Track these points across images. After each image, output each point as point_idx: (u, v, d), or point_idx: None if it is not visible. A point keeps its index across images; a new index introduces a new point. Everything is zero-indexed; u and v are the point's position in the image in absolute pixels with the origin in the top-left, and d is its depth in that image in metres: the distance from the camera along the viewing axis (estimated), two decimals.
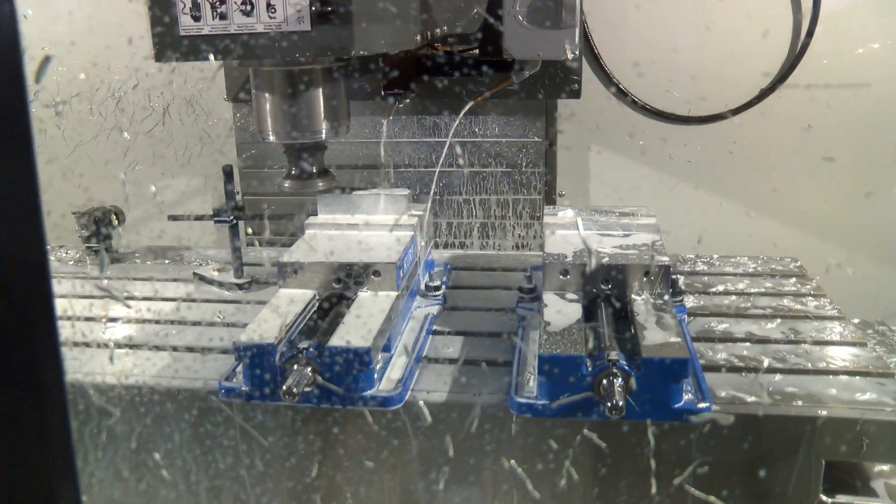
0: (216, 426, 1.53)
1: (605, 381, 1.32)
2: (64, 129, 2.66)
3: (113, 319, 1.85)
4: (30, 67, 0.68)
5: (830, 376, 1.51)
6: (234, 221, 1.96)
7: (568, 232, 1.79)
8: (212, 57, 1.45)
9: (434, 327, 1.72)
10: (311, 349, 1.42)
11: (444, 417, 1.45)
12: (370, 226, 1.82)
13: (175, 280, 2.12)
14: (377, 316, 1.52)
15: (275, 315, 1.52)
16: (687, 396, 1.37)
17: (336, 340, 1.43)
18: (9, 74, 0.63)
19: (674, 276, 1.73)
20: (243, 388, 1.44)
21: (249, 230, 2.50)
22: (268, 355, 1.41)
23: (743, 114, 2.50)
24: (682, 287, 1.83)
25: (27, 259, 0.65)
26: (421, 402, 1.44)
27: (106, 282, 2.02)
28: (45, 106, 2.57)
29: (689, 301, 1.86)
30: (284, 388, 1.36)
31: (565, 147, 2.55)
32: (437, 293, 1.85)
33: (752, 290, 1.94)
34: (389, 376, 1.49)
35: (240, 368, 1.48)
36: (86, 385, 1.56)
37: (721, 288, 1.96)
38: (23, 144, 0.65)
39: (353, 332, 1.46)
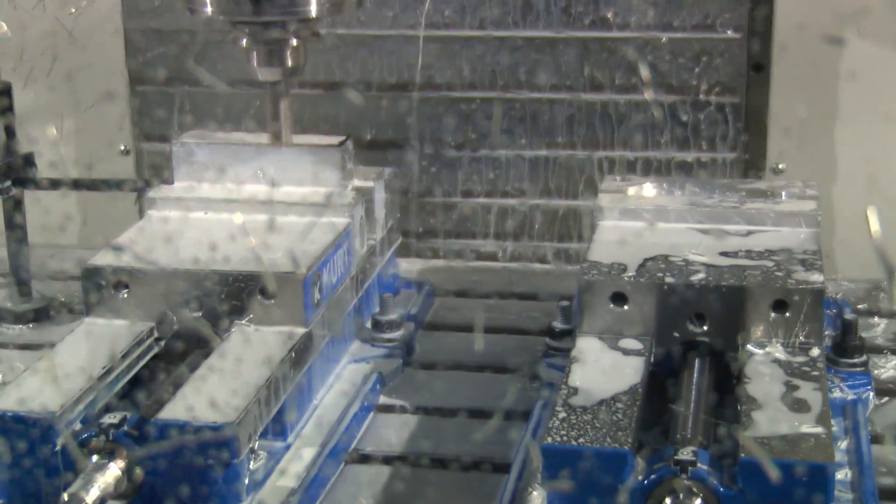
0: None
1: (668, 501, 0.89)
2: None
3: None
4: None
5: None
6: (13, 190, 1.30)
7: (636, 224, 1.24)
8: None
9: (381, 399, 1.22)
10: (126, 426, 0.92)
11: None
12: (266, 203, 1.25)
13: None
14: (256, 370, 1.00)
15: (63, 365, 1.00)
16: None
17: (172, 410, 0.92)
18: None
19: (847, 317, 1.23)
20: None
21: None
22: (38, 437, 0.90)
23: None
24: (861, 338, 1.20)
25: None
26: None
27: None
28: None
29: (890, 367, 1.27)
30: (66, 497, 0.87)
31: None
32: (394, 335, 1.28)
33: None
34: (277, 483, 1.00)
35: None
36: None
37: None
38: None
39: (207, 396, 0.94)
